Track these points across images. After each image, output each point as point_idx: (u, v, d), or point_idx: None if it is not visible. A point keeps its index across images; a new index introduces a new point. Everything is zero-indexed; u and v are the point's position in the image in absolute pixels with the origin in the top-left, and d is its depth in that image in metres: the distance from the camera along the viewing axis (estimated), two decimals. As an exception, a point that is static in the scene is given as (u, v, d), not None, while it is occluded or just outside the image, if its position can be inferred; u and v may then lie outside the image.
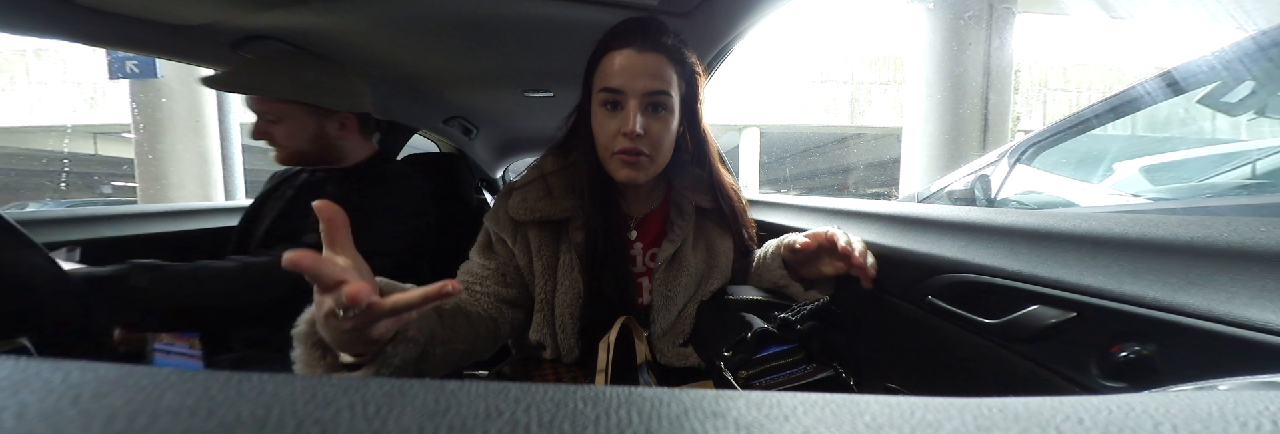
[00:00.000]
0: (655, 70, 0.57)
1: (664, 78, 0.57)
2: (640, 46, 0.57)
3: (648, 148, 0.58)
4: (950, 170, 1.91)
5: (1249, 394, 0.15)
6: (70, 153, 11.67)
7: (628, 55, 0.56)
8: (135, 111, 4.66)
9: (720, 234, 0.71)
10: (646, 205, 0.70)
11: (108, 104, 8.89)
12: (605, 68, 0.58)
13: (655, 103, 0.58)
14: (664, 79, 0.57)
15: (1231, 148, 1.60)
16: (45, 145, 11.39)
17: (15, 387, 0.12)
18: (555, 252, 0.64)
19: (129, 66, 4.30)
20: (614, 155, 0.59)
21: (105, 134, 10.46)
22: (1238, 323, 0.28)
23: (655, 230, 0.69)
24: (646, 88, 0.56)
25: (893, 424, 0.12)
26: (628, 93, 0.56)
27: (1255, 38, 1.02)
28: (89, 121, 9.06)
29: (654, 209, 0.70)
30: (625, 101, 0.57)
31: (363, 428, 0.11)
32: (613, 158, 0.60)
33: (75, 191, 15.54)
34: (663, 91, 0.57)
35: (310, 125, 0.88)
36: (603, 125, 0.59)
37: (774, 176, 17.62)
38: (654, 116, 0.58)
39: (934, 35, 4.36)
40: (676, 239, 0.66)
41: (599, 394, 0.14)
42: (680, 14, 0.77)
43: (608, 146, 0.59)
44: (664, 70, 0.57)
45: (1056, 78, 9.48)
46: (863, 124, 9.63)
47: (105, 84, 8.54)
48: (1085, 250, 0.39)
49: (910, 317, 0.53)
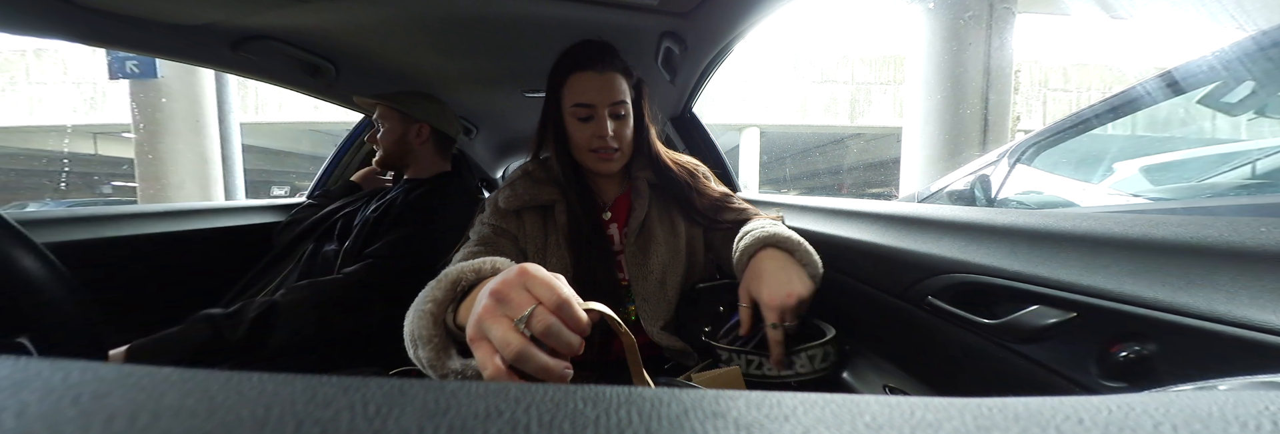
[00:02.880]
0: (614, 85, 0.71)
1: (621, 90, 0.72)
2: (600, 68, 0.70)
3: (617, 144, 0.73)
4: (950, 170, 1.91)
5: (1249, 394, 0.15)
6: (70, 153, 11.68)
7: (591, 76, 0.70)
8: (135, 111, 4.66)
9: (681, 207, 0.81)
10: (615, 191, 0.83)
11: (108, 104, 8.90)
12: (573, 87, 0.71)
13: (616, 111, 0.72)
14: (621, 91, 0.72)
15: (1231, 148, 1.60)
16: (45, 145, 11.39)
17: (15, 387, 0.12)
18: (543, 234, 0.74)
19: (129, 66, 4.31)
20: (591, 152, 0.73)
21: (105, 134, 10.46)
22: (1238, 323, 0.28)
23: (625, 211, 0.81)
24: (610, 100, 0.71)
25: (893, 424, 0.12)
26: (597, 106, 0.70)
27: (1255, 38, 1.02)
28: (89, 121, 9.06)
29: (621, 194, 0.83)
30: (596, 113, 0.71)
31: (363, 428, 0.11)
32: (589, 154, 0.74)
33: (75, 192, 15.54)
34: (622, 101, 0.72)
35: (398, 130, 1.03)
36: (579, 131, 0.72)
37: (774, 176, 17.62)
38: (618, 120, 0.73)
39: (934, 35, 4.36)
40: (640, 214, 0.77)
41: (599, 394, 0.14)
42: (680, 14, 0.77)
43: (584, 147, 0.73)
44: (620, 84, 0.72)
45: (1056, 78, 9.48)
46: (863, 124, 9.63)
47: (105, 84, 8.54)
48: (1085, 250, 0.39)
49: (910, 317, 0.53)
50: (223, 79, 4.53)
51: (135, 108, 4.66)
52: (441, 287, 0.42)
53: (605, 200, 0.81)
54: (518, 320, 0.31)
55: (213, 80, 4.60)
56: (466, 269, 0.43)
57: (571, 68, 0.71)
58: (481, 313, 0.32)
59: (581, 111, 0.71)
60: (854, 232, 0.67)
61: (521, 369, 0.30)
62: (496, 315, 0.32)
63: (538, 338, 0.31)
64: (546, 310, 0.31)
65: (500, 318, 0.32)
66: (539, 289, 0.32)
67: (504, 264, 0.45)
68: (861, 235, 0.64)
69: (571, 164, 0.76)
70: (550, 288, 0.32)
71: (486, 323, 0.32)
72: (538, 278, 0.33)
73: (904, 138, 4.74)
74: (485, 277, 0.43)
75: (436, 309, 0.41)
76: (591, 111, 0.71)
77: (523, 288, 0.33)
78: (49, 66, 8.91)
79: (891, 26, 42.03)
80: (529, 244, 0.73)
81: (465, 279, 0.42)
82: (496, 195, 0.77)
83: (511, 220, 0.74)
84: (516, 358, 0.30)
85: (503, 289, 0.33)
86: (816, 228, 0.75)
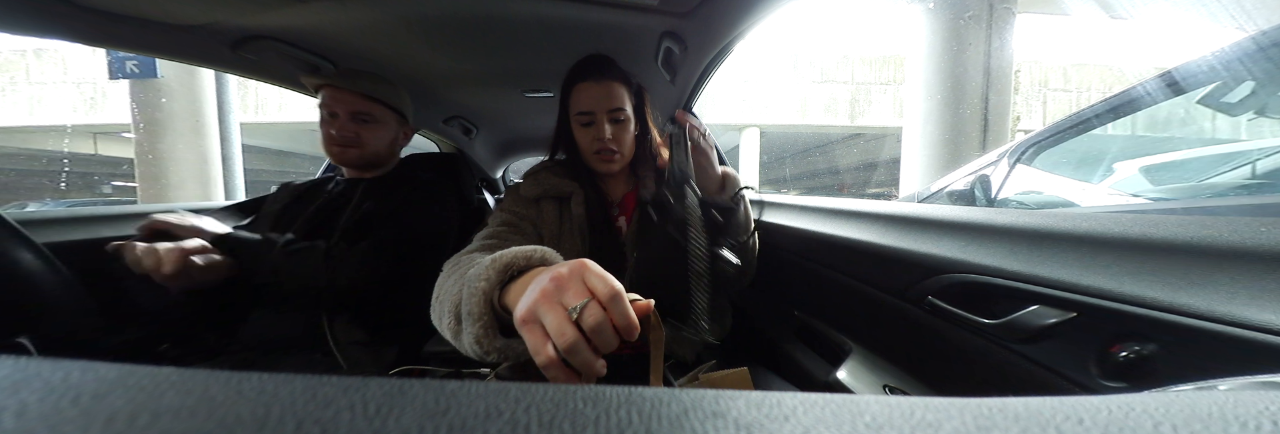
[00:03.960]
0: (612, 93, 0.77)
1: (619, 98, 0.78)
2: (598, 78, 0.77)
3: (615, 146, 0.79)
4: (950, 170, 1.91)
5: (1249, 394, 0.15)
6: (70, 153, 11.67)
7: (591, 86, 0.77)
8: (135, 111, 4.66)
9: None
10: (622, 189, 0.89)
11: (108, 104, 8.89)
12: (577, 96, 0.78)
13: (615, 117, 0.78)
14: (619, 99, 0.78)
15: (1231, 148, 1.60)
16: (45, 145, 11.38)
17: (15, 387, 0.12)
18: (558, 222, 0.80)
19: (129, 66, 4.31)
20: (594, 154, 0.80)
21: (105, 134, 10.46)
22: (1238, 323, 0.28)
23: (631, 207, 0.86)
24: (608, 107, 0.77)
25: (893, 424, 0.12)
26: (596, 112, 0.77)
27: (1255, 38, 1.01)
28: (89, 121, 9.06)
29: (629, 192, 0.89)
30: (596, 119, 0.77)
31: (363, 428, 0.11)
32: (593, 156, 0.80)
33: (75, 192, 15.54)
34: (620, 108, 0.78)
35: (393, 131, 1.01)
36: (583, 136, 0.80)
37: (774, 176, 17.62)
38: (617, 126, 0.79)
39: (934, 35, 4.35)
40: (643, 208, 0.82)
41: (599, 394, 0.14)
42: (680, 14, 0.77)
43: (589, 148, 0.80)
44: (618, 92, 0.77)
45: (1056, 78, 9.47)
46: (863, 124, 9.62)
47: (105, 84, 8.54)
48: (1085, 250, 0.39)
49: (910, 317, 0.53)
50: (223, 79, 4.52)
51: (135, 108, 4.65)
52: (495, 268, 0.43)
53: (614, 197, 0.88)
54: (572, 309, 0.33)
55: (213, 80, 4.59)
56: (520, 255, 0.44)
57: (575, 79, 0.79)
58: (538, 297, 0.34)
59: (584, 118, 0.78)
60: (854, 231, 0.67)
61: (567, 359, 0.32)
62: (553, 302, 0.34)
63: (585, 331, 0.32)
64: (599, 305, 0.33)
65: (556, 305, 0.33)
66: (594, 282, 0.34)
67: (553, 257, 0.46)
68: (861, 235, 0.64)
69: (581, 165, 0.84)
70: (605, 282, 0.34)
71: (542, 308, 0.34)
72: (595, 272, 0.35)
73: (904, 138, 4.74)
74: (534, 264, 0.45)
75: (489, 288, 0.42)
76: (592, 118, 0.78)
77: (580, 279, 0.35)
78: (49, 66, 8.91)
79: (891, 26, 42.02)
80: (545, 230, 0.79)
81: (517, 264, 0.44)
82: (518, 185, 0.84)
83: (531, 208, 0.81)
84: (568, 349, 0.32)
85: (562, 278, 0.35)
86: (816, 228, 0.75)
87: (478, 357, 0.43)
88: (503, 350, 0.42)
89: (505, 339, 0.42)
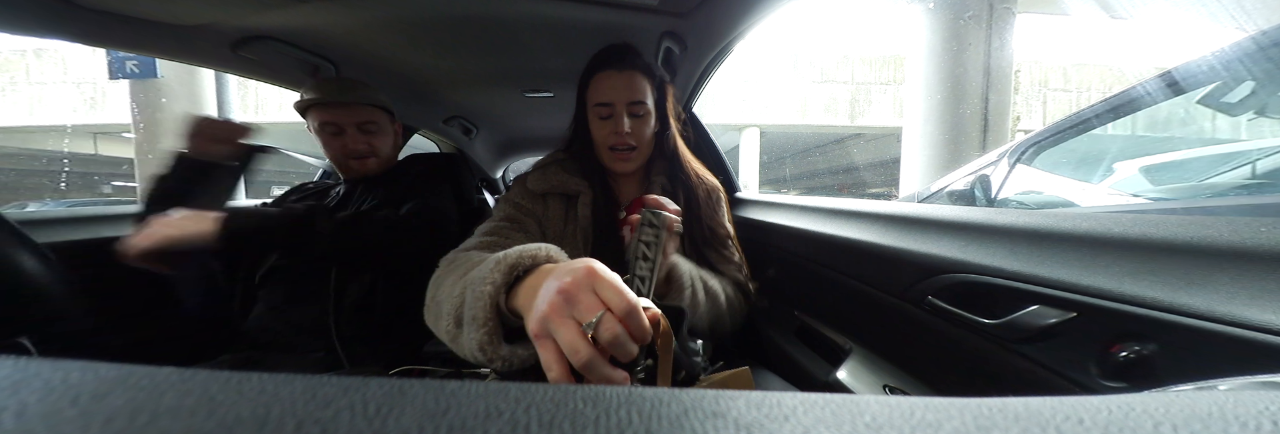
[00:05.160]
0: (633, 85, 0.73)
1: (640, 90, 0.74)
2: (619, 67, 0.73)
3: (634, 141, 0.76)
4: (950, 170, 1.90)
5: (1249, 394, 0.15)
6: (70, 153, 11.67)
7: (611, 75, 0.73)
8: (135, 111, 4.66)
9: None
10: (634, 191, 0.84)
11: (108, 104, 8.88)
12: (596, 86, 0.74)
13: (635, 111, 0.74)
14: (640, 91, 0.74)
15: (1231, 148, 1.60)
16: (45, 145, 11.38)
17: (15, 387, 0.12)
18: (563, 221, 0.77)
19: (129, 66, 4.30)
20: (609, 150, 0.76)
21: (105, 134, 10.46)
22: (1238, 323, 0.28)
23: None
24: (628, 99, 0.73)
25: (893, 424, 0.12)
26: (615, 104, 0.73)
27: (1255, 38, 1.01)
28: (89, 121, 9.05)
29: (640, 195, 0.83)
30: (615, 111, 0.74)
31: (363, 428, 0.11)
32: (609, 151, 0.76)
33: (75, 192, 15.54)
34: (640, 101, 0.74)
35: (392, 132, 1.02)
36: (599, 129, 0.76)
37: (774, 176, 17.61)
38: (637, 119, 0.75)
39: (934, 35, 4.35)
40: None
41: (599, 394, 0.14)
42: (680, 14, 0.78)
43: (604, 143, 0.76)
44: (639, 84, 0.73)
45: (1056, 78, 9.47)
46: (863, 124, 9.62)
47: (105, 84, 8.54)
48: (1085, 250, 0.39)
49: (910, 317, 0.53)
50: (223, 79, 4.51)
51: (135, 108, 4.66)
52: (500, 269, 0.41)
53: (624, 200, 0.83)
54: (586, 326, 0.30)
55: (213, 80, 4.58)
56: (525, 254, 0.42)
57: (595, 68, 0.74)
58: (547, 311, 0.32)
59: (602, 110, 0.74)
60: (854, 232, 0.67)
61: (583, 374, 0.30)
62: (564, 316, 0.31)
63: (600, 345, 0.31)
64: (614, 318, 0.31)
65: (567, 320, 0.31)
66: (607, 292, 0.32)
67: (558, 254, 0.44)
68: (861, 235, 0.64)
69: (594, 162, 0.80)
70: (618, 293, 0.32)
71: (554, 323, 0.31)
72: (606, 280, 0.32)
73: (904, 138, 4.74)
74: (540, 263, 0.42)
75: (495, 292, 0.40)
76: (610, 110, 0.74)
77: (591, 289, 0.32)
78: (49, 66, 8.90)
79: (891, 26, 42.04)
80: (549, 227, 0.76)
81: (523, 264, 0.41)
82: (526, 177, 0.80)
83: (537, 202, 0.77)
84: (584, 367, 0.30)
85: (571, 289, 0.32)
86: (816, 228, 0.75)
87: (478, 362, 0.41)
88: (507, 358, 0.39)
89: (509, 346, 0.40)
